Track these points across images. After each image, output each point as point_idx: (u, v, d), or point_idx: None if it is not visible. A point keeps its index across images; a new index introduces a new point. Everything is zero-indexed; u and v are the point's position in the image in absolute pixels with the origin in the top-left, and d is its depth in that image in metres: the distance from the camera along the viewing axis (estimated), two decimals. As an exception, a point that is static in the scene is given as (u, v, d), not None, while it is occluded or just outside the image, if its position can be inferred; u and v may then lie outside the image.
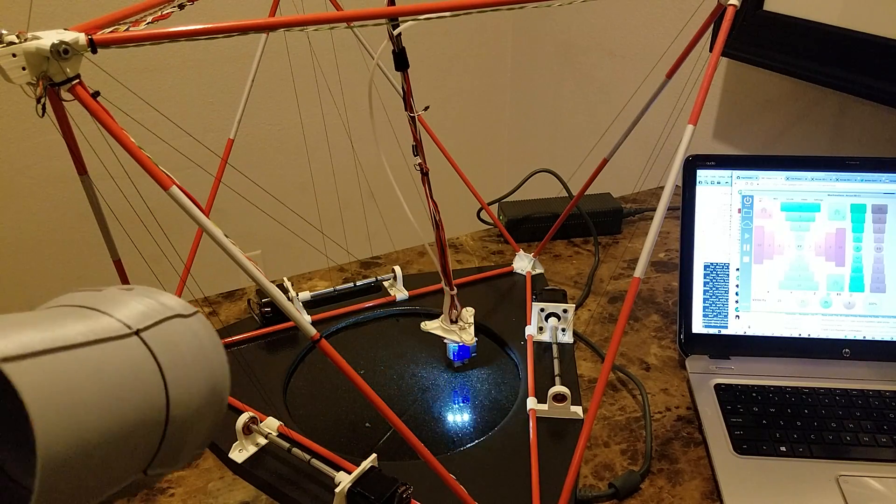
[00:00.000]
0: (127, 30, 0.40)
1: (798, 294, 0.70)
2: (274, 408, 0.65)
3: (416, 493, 0.53)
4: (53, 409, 0.24)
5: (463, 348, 0.70)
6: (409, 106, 0.55)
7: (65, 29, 0.38)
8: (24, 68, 0.37)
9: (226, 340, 0.74)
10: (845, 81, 0.85)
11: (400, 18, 0.47)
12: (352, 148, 1.55)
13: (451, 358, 0.71)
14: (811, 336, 0.70)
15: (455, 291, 0.66)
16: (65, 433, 0.24)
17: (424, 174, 0.59)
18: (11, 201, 1.30)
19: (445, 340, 0.70)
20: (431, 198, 0.59)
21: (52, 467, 0.23)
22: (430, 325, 0.71)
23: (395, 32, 0.50)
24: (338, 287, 0.82)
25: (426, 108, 0.56)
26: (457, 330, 0.69)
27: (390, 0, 0.53)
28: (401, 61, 0.53)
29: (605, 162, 0.72)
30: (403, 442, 0.62)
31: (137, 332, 0.29)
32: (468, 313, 0.69)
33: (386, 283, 0.83)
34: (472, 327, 0.69)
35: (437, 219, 0.60)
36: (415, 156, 0.58)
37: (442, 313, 0.70)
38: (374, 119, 0.54)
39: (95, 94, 0.40)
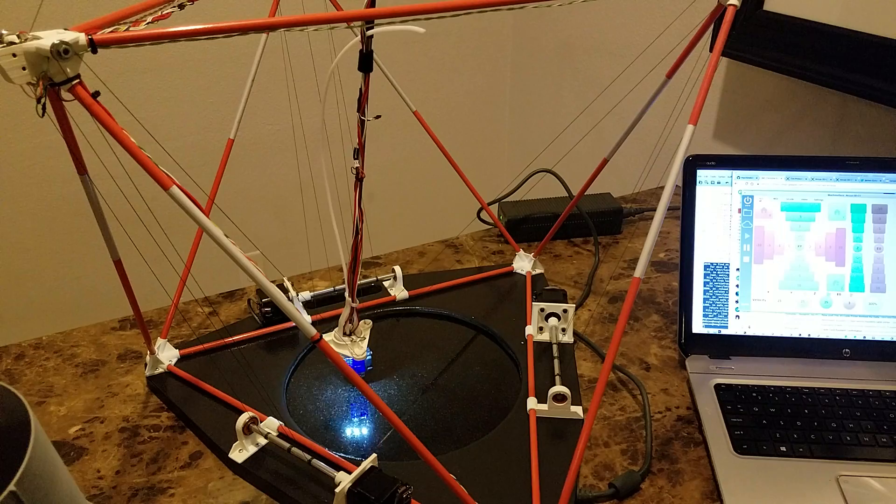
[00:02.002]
0: (127, 30, 0.40)
1: (798, 294, 0.70)
2: (274, 408, 0.65)
3: (416, 493, 0.53)
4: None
5: (356, 363, 0.68)
6: (361, 109, 0.55)
7: (65, 29, 0.38)
8: (24, 68, 0.37)
9: (226, 340, 0.74)
10: (845, 81, 0.85)
11: (376, 22, 0.47)
12: (351, 148, 1.55)
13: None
14: (811, 336, 0.70)
15: (357, 304, 0.64)
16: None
17: (359, 179, 0.58)
18: (11, 201, 1.30)
19: None
20: (360, 205, 0.59)
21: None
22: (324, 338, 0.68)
23: (368, 34, 0.50)
24: (338, 287, 0.82)
25: (377, 117, 0.56)
26: (349, 343, 0.66)
27: (370, 2, 0.53)
28: (366, 63, 0.53)
29: (605, 162, 0.72)
30: (403, 442, 0.62)
31: None
32: (364, 327, 0.67)
33: (386, 283, 0.83)
34: (366, 342, 0.67)
35: (360, 227, 0.60)
36: (354, 159, 0.58)
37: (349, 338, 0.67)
38: (324, 120, 0.55)
39: (95, 94, 0.40)
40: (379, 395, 0.48)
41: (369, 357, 0.68)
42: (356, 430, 0.64)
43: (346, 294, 0.63)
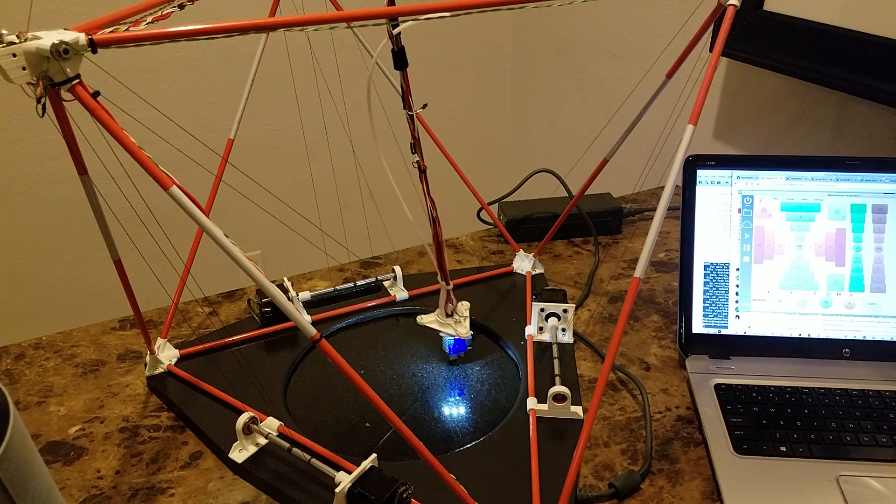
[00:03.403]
0: (127, 30, 0.40)
1: (798, 294, 0.70)
2: (274, 408, 0.65)
3: (416, 493, 0.53)
4: None
5: (459, 341, 0.71)
6: (407, 104, 0.56)
7: (65, 29, 0.38)
8: (24, 68, 0.37)
9: (226, 340, 0.74)
10: (845, 81, 0.85)
11: (399, 18, 0.47)
12: (351, 148, 1.55)
13: (447, 351, 0.72)
14: (811, 336, 0.70)
15: (451, 286, 0.67)
16: None
17: (422, 171, 0.60)
18: (11, 201, 1.30)
19: (441, 334, 0.70)
20: (429, 194, 0.60)
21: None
22: (426, 319, 0.71)
23: (395, 32, 0.51)
24: (338, 287, 0.82)
25: (424, 106, 0.56)
26: (452, 323, 0.69)
27: (390, 0, 0.53)
28: (400, 60, 0.54)
29: (605, 162, 0.72)
30: (403, 442, 0.62)
31: None
32: (463, 307, 0.70)
33: (386, 283, 0.83)
34: (468, 321, 0.70)
35: (435, 215, 0.61)
36: (413, 153, 0.59)
37: (437, 308, 0.70)
38: (374, 119, 0.55)
39: (95, 94, 0.40)
40: (379, 395, 0.48)
41: (471, 336, 0.71)
42: (356, 430, 0.64)
43: (439, 278, 0.66)
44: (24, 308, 1.39)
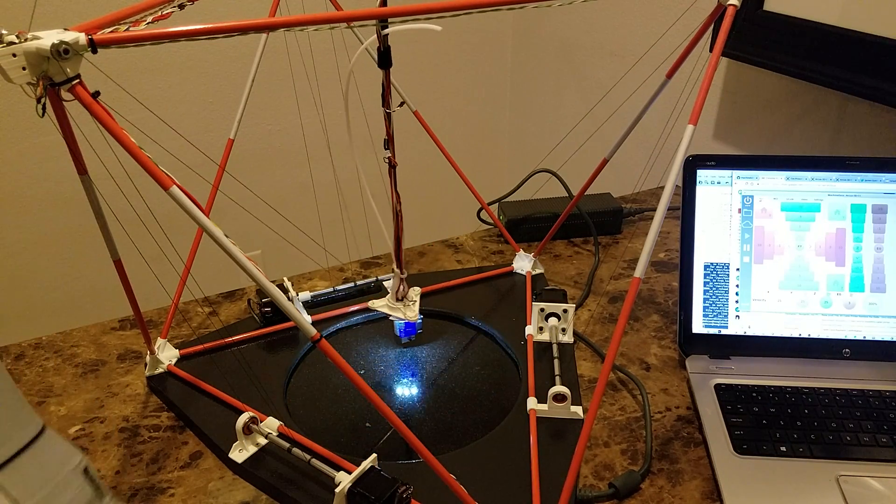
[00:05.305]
0: (127, 30, 0.40)
1: (798, 294, 0.70)
2: (274, 408, 0.65)
3: (416, 493, 0.53)
4: None
5: (409, 325, 0.71)
6: (386, 103, 0.58)
7: (65, 29, 0.38)
8: (24, 68, 0.37)
9: (226, 340, 0.74)
10: (845, 81, 0.85)
11: (390, 20, 0.48)
12: (351, 148, 1.55)
13: (398, 335, 0.72)
14: (811, 336, 0.70)
15: (405, 275, 0.68)
16: None
17: (392, 167, 0.62)
18: (11, 201, 1.30)
19: (391, 318, 0.70)
20: (395, 189, 0.63)
21: None
22: (377, 304, 0.71)
23: (384, 32, 0.52)
24: (338, 287, 0.82)
25: (401, 104, 0.59)
26: (402, 307, 0.69)
27: (382, 1, 0.54)
28: (384, 60, 0.55)
29: (605, 162, 0.72)
30: (403, 442, 0.62)
31: None
32: (414, 292, 0.70)
33: (386, 283, 0.83)
34: (417, 305, 0.70)
35: (398, 209, 0.64)
36: (385, 149, 0.61)
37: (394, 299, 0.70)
38: (349, 116, 0.57)
39: (96, 94, 0.40)
40: (379, 395, 0.48)
41: (420, 320, 0.71)
42: (356, 430, 0.64)
43: (395, 266, 0.67)
44: (24, 308, 1.39)
